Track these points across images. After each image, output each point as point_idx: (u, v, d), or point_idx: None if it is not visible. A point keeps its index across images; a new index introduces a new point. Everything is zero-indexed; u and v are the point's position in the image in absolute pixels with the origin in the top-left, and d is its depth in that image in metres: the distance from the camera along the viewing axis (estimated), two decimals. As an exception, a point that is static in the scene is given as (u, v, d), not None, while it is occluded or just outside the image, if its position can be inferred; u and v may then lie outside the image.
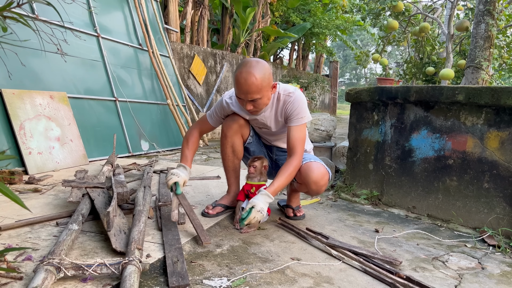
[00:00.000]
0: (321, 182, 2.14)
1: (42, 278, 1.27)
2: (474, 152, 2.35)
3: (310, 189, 2.18)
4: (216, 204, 2.39)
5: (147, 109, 5.37)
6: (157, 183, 3.06)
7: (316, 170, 2.13)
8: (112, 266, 1.42)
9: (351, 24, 13.84)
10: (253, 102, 1.99)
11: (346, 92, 3.17)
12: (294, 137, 2.08)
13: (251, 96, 1.95)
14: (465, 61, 4.95)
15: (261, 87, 1.94)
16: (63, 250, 1.50)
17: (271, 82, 2.01)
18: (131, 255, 1.48)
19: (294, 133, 2.08)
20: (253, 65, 1.93)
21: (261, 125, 2.27)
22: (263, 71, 1.94)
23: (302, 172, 2.14)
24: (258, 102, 2.00)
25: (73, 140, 3.84)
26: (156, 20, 6.05)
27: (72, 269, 1.39)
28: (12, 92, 3.41)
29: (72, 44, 4.16)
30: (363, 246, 2.00)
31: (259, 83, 1.92)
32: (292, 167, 2.04)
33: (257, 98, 1.96)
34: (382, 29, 7.44)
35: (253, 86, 1.91)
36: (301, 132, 2.10)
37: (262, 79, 1.93)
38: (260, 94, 1.96)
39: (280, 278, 1.58)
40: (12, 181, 2.86)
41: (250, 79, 1.90)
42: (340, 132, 8.05)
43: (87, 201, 2.14)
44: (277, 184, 1.99)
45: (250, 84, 1.91)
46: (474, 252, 2.02)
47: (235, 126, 2.26)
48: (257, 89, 1.93)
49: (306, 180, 2.13)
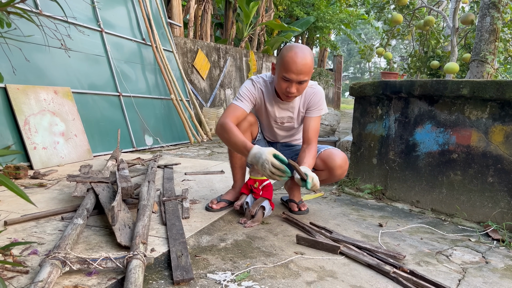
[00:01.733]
0: (345, 166, 2.22)
1: (47, 272, 1.29)
2: (479, 146, 2.34)
3: (334, 175, 2.21)
4: (220, 199, 2.40)
5: (151, 104, 5.38)
6: (161, 178, 3.07)
7: (339, 154, 2.20)
8: (117, 260, 1.43)
9: (355, 17, 13.75)
10: (300, 84, 2.03)
11: (350, 86, 3.15)
12: (312, 127, 2.18)
13: (303, 77, 1.99)
14: (470, 54, 4.91)
15: (311, 69, 2.01)
16: (68, 244, 1.51)
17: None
18: (135, 249, 1.49)
19: (313, 123, 2.19)
20: (306, 49, 2.00)
21: (287, 120, 2.30)
22: (312, 56, 2.02)
23: (325, 159, 2.21)
24: (303, 86, 2.06)
25: (77, 135, 3.85)
26: (159, 14, 6.04)
27: (77, 263, 1.40)
28: (16, 87, 3.42)
29: (76, 39, 4.16)
30: (367, 240, 2.01)
31: (311, 65, 2.00)
32: (314, 151, 2.14)
33: (305, 80, 2.01)
34: (386, 22, 7.39)
35: (307, 66, 1.97)
36: (318, 123, 2.23)
37: (312, 62, 2.01)
38: (308, 76, 2.03)
39: (284, 272, 1.59)
40: (17, 176, 2.88)
41: (306, 59, 1.96)
42: (344, 127, 8.03)
43: (92, 195, 2.15)
44: (308, 164, 2.05)
45: (304, 64, 1.96)
46: (478, 246, 2.02)
47: (246, 124, 2.25)
48: (309, 71, 2.00)
49: (332, 165, 2.18)
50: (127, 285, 1.26)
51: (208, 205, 2.36)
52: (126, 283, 1.27)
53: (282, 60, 1.99)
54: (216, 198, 2.43)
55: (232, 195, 2.44)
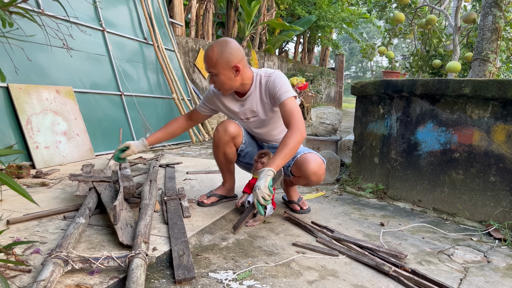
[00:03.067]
0: (320, 172, 2.15)
1: (50, 270, 1.29)
2: (481, 146, 2.34)
3: (310, 181, 2.18)
4: (211, 194, 2.47)
5: (153, 103, 5.38)
6: (163, 177, 3.07)
7: (313, 161, 2.12)
8: (119, 259, 1.43)
9: (357, 16, 13.74)
10: (212, 77, 2.08)
11: (352, 85, 3.15)
12: (287, 110, 2.02)
13: (207, 68, 2.06)
14: (472, 53, 4.90)
15: (216, 62, 2.01)
16: (70, 244, 1.52)
17: (231, 62, 2.02)
18: (137, 248, 1.50)
19: (286, 106, 2.04)
20: (219, 42, 2.04)
21: (250, 114, 2.26)
22: (223, 49, 2.01)
23: (299, 165, 2.16)
24: (216, 79, 2.07)
25: (79, 134, 3.86)
26: (161, 14, 6.04)
27: (79, 262, 1.40)
28: (19, 87, 3.43)
29: (78, 38, 4.17)
30: (369, 239, 2.01)
31: (214, 57, 2.00)
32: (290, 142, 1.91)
33: (212, 72, 2.04)
34: (388, 21, 7.38)
35: (208, 58, 2.02)
36: (294, 104, 2.04)
37: (218, 55, 2.00)
38: (215, 69, 2.03)
39: (285, 271, 1.59)
40: (19, 175, 2.89)
41: (208, 51, 2.03)
42: (345, 126, 8.03)
43: (94, 195, 2.16)
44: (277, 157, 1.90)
45: (206, 55, 2.04)
46: (479, 245, 2.02)
47: (226, 138, 2.25)
48: (212, 63, 2.02)
49: (305, 173, 2.13)
50: (129, 284, 1.27)
51: (199, 201, 2.43)
52: (128, 282, 1.28)
53: None
54: (206, 193, 2.50)
55: (222, 190, 2.50)
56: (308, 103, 10.99)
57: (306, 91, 10.77)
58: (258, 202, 1.86)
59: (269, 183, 1.86)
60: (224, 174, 2.49)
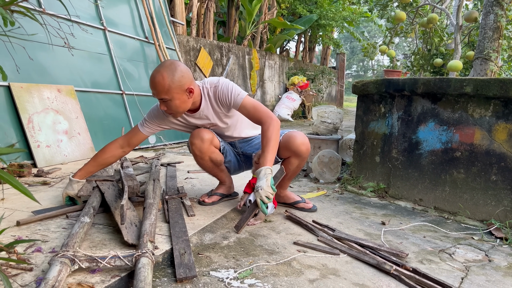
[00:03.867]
0: (306, 141, 2.19)
1: (57, 270, 1.29)
2: (482, 145, 2.34)
3: (300, 152, 2.18)
4: (212, 193, 2.47)
5: (154, 102, 5.37)
6: (164, 176, 3.08)
7: (296, 134, 2.18)
8: (125, 258, 1.44)
9: (358, 15, 13.71)
10: (165, 102, 1.97)
11: (353, 84, 3.15)
12: (250, 109, 2.06)
13: (159, 95, 1.94)
14: (474, 52, 4.89)
15: (168, 87, 1.91)
16: (76, 243, 1.52)
17: (184, 85, 1.96)
18: (144, 247, 1.50)
19: (246, 107, 2.07)
20: (166, 65, 1.93)
21: (209, 125, 2.26)
22: (173, 73, 1.91)
23: (285, 143, 2.19)
24: (169, 104, 1.97)
25: (80, 133, 3.86)
26: (162, 13, 6.04)
27: (86, 261, 1.40)
28: (20, 85, 3.43)
29: (79, 37, 4.17)
30: (370, 238, 2.01)
31: (167, 83, 1.90)
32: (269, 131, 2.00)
33: (165, 98, 1.94)
34: (389, 20, 7.37)
35: (159, 85, 1.90)
36: (251, 101, 2.08)
37: (170, 80, 1.90)
38: (168, 95, 1.93)
39: (287, 270, 1.59)
40: (21, 174, 2.90)
41: (157, 77, 1.90)
42: (347, 125, 8.02)
43: (98, 194, 2.16)
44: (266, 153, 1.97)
45: (156, 83, 1.90)
46: (481, 244, 2.02)
47: (206, 145, 2.22)
48: (164, 89, 1.91)
49: (294, 145, 2.16)
50: (137, 283, 1.26)
51: (200, 200, 2.43)
52: (135, 281, 1.28)
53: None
54: (207, 193, 2.50)
55: (223, 189, 2.50)
56: (309, 102, 10.99)
57: (307, 90, 10.77)
58: (262, 202, 1.88)
59: (271, 181, 1.89)
60: (219, 176, 2.47)
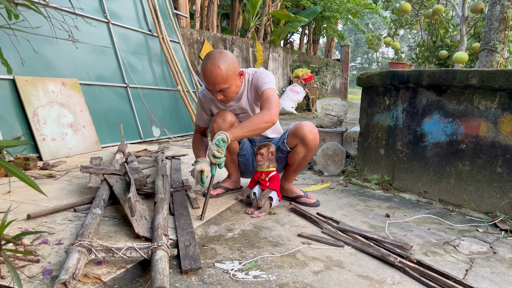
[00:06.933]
0: (314, 130, 2.21)
1: (76, 258, 1.31)
2: (487, 137, 2.32)
3: (307, 140, 2.19)
4: (217, 186, 2.50)
5: (158, 95, 5.39)
6: (169, 169, 3.09)
7: (305, 123, 2.22)
8: (141, 250, 1.45)
9: (362, 7, 13.61)
10: (222, 92, 2.09)
11: (358, 76, 3.14)
12: (264, 97, 2.12)
13: (219, 87, 2.05)
14: (480, 44, 4.85)
15: (227, 76, 2.02)
16: (91, 233, 1.54)
17: (237, 70, 2.09)
18: (158, 240, 1.52)
19: (264, 95, 2.13)
20: (217, 57, 2.01)
21: (239, 111, 2.31)
22: (227, 61, 2.02)
23: (294, 132, 2.23)
24: (227, 91, 2.10)
25: (85, 126, 3.88)
26: (165, 5, 6.02)
27: (102, 251, 1.42)
28: (25, 79, 3.44)
29: (83, 30, 4.17)
30: (374, 230, 2.01)
31: (224, 73, 2.01)
32: (257, 115, 2.05)
33: (225, 87, 2.06)
34: (394, 12, 7.31)
35: (219, 77, 2.00)
36: (272, 93, 2.13)
37: (227, 69, 2.01)
38: (227, 84, 2.05)
39: (291, 262, 1.60)
40: (27, 167, 2.92)
41: (215, 70, 1.99)
42: (351, 117, 7.99)
43: (106, 187, 2.18)
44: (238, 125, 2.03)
45: (215, 75, 2.00)
46: (485, 236, 2.02)
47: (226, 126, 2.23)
48: (223, 79, 2.02)
49: (301, 133, 2.18)
50: (155, 275, 1.28)
51: (205, 192, 2.45)
52: (153, 273, 1.29)
53: (201, 72, 2.07)
54: (213, 185, 2.47)
55: (228, 183, 2.53)
56: (313, 95, 10.95)
57: (311, 82, 10.72)
58: (211, 163, 1.96)
59: (216, 141, 1.93)
60: (229, 167, 2.48)
